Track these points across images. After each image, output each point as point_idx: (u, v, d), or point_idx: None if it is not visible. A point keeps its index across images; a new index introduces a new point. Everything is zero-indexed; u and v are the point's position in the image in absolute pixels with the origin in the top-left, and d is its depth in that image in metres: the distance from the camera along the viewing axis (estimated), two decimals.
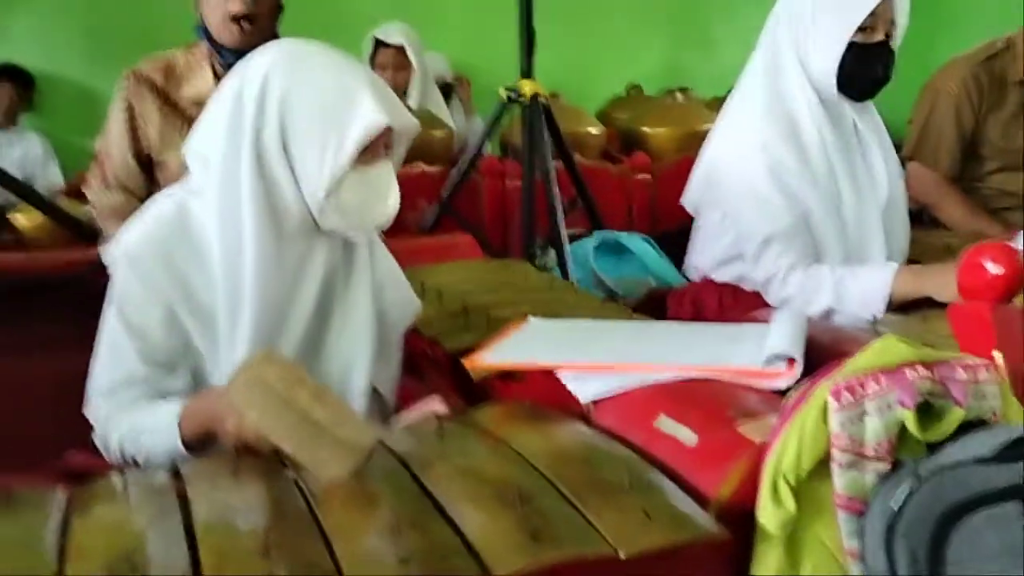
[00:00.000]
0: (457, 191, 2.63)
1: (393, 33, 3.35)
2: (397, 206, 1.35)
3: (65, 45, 3.96)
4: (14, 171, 3.08)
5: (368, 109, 1.25)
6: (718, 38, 4.80)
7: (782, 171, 1.76)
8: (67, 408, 1.31)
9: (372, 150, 1.28)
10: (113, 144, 1.99)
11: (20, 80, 3.81)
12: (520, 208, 2.52)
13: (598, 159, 3.23)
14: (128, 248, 1.29)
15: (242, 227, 1.26)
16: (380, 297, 1.41)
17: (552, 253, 2.42)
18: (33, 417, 1.48)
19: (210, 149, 1.29)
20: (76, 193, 2.67)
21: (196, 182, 1.33)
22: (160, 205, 1.34)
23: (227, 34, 1.89)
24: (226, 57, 1.90)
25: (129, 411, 1.27)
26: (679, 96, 3.85)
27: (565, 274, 2.30)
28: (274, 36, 1.93)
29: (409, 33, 3.37)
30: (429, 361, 1.57)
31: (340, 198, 1.28)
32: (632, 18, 4.77)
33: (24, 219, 2.68)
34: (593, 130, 3.41)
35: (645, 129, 3.46)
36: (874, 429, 0.96)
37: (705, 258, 1.96)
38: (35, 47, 3.90)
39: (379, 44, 3.37)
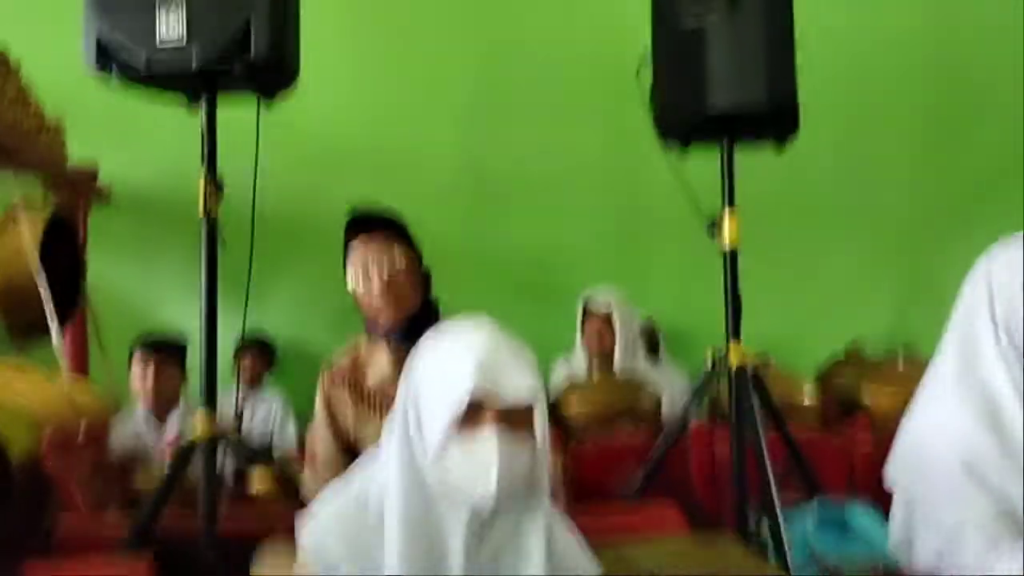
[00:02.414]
0: (665, 456, 2.59)
1: (600, 299, 3.48)
2: (508, 481, 1.30)
3: (313, 317, 4.38)
4: (258, 429, 3.37)
5: (465, 377, 1.28)
6: (947, 288, 4.60)
7: (978, 462, 1.57)
8: None
9: (474, 419, 1.30)
10: (318, 434, 2.19)
11: (265, 348, 4.24)
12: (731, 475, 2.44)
13: (815, 421, 3.10)
14: (313, 537, 1.37)
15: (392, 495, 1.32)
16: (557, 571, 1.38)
17: (767, 525, 2.30)
18: None
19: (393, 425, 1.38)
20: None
21: (382, 454, 1.40)
22: (345, 491, 1.42)
23: (382, 316, 2.07)
24: (395, 340, 2.08)
25: None
26: (902, 357, 3.67)
27: (780, 546, 2.16)
28: (428, 303, 2.12)
29: (616, 298, 3.49)
30: None
31: (444, 465, 1.30)
32: (851, 272, 4.68)
33: (259, 480, 2.88)
34: (807, 400, 3.30)
35: (866, 391, 3.31)
36: None
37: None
38: (286, 316, 4.35)
39: (587, 309, 3.51)
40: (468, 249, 4.23)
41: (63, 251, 3.50)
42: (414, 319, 2.12)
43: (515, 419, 1.32)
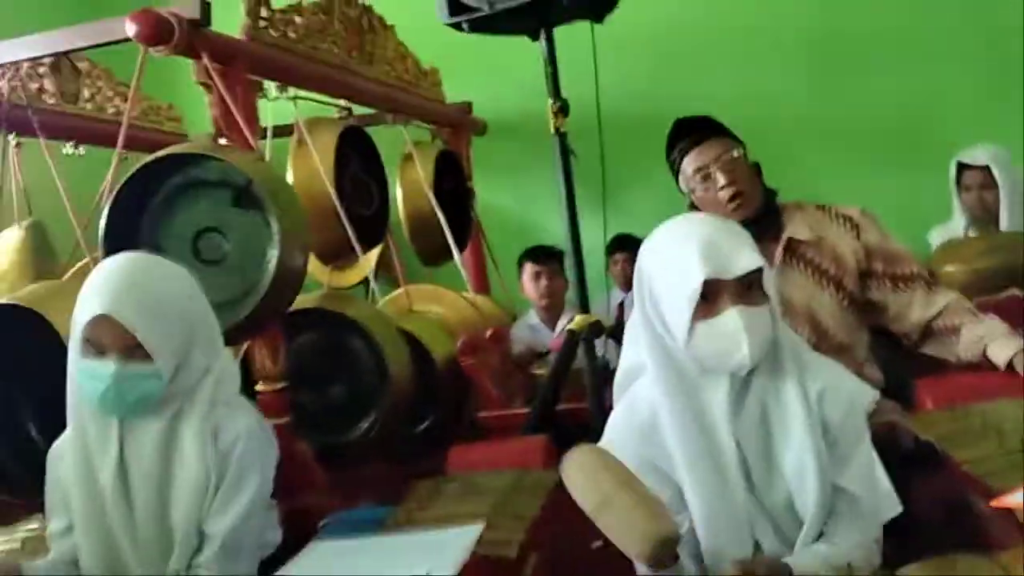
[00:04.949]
0: None
1: (978, 155, 3.23)
2: (758, 347, 1.41)
3: (672, 215, 4.52)
4: None
5: (693, 269, 1.38)
6: None
7: None
8: None
9: (711, 302, 1.41)
10: None
11: (635, 248, 4.47)
12: None
13: None
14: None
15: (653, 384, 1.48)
16: (821, 405, 1.46)
17: None
18: None
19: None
20: None
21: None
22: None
23: (731, 216, 2.13)
24: None
25: None
26: None
27: None
28: (769, 197, 2.18)
29: (996, 154, 3.21)
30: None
31: (696, 348, 1.43)
32: None
33: None
34: None
35: None
36: None
37: None
38: (646, 217, 4.54)
39: (963, 167, 3.27)
40: (824, 120, 4.10)
41: (453, 182, 4.01)
42: (758, 216, 2.17)
43: (747, 287, 1.43)
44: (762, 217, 2.19)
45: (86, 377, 1.61)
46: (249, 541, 1.67)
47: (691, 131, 2.25)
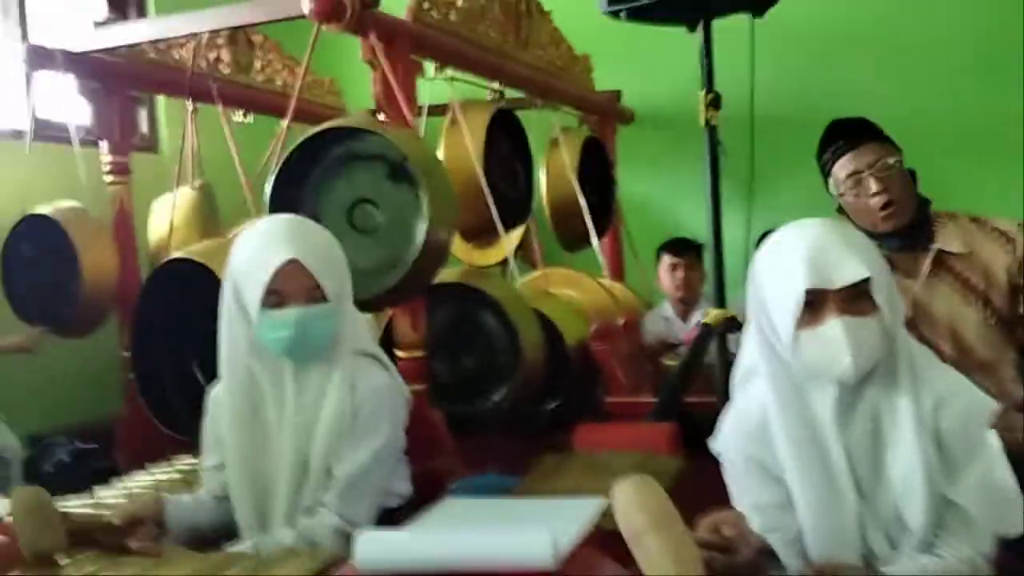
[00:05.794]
0: None
1: None
2: (864, 358, 1.39)
3: (820, 215, 4.42)
4: None
5: (797, 279, 1.38)
6: None
7: None
8: None
9: (816, 310, 1.40)
10: None
11: None
12: None
13: None
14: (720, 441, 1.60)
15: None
16: (936, 415, 1.43)
17: None
18: None
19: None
20: None
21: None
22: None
23: (880, 224, 2.08)
24: (889, 246, 2.08)
25: None
26: None
27: None
28: (922, 206, 2.13)
29: None
30: None
31: (800, 355, 1.42)
32: None
33: None
34: None
35: None
36: None
37: None
38: (791, 215, 4.45)
39: None
40: (984, 129, 3.91)
41: (598, 169, 4.05)
42: (909, 225, 2.12)
43: (853, 297, 1.41)
44: (913, 227, 2.14)
45: (270, 327, 1.74)
46: (370, 488, 1.78)
47: (847, 134, 2.20)
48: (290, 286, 1.73)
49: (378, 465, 1.78)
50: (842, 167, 2.17)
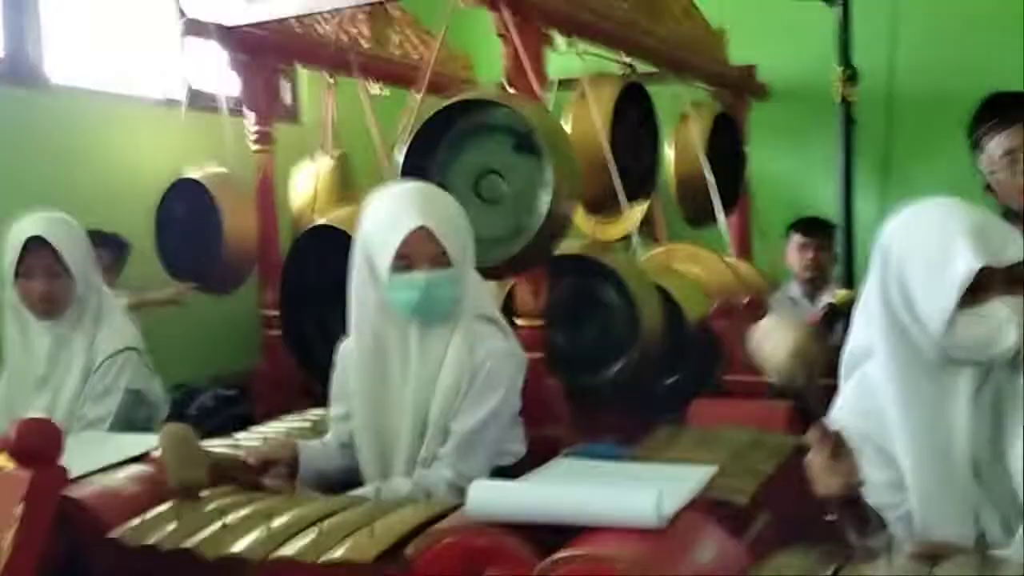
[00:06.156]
0: None
1: None
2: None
3: (958, 193, 4.23)
4: None
5: (961, 255, 1.34)
6: None
7: None
8: None
9: (979, 288, 1.35)
10: None
11: None
12: None
13: None
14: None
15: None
16: None
17: None
18: None
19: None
20: None
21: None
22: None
23: None
24: None
25: None
26: None
27: None
28: None
29: None
30: None
31: (955, 337, 1.38)
32: None
33: None
34: None
35: None
36: None
37: None
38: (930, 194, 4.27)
39: None
40: None
41: (727, 144, 3.99)
42: None
43: (1013, 277, 1.38)
44: None
45: (399, 289, 1.82)
46: (485, 445, 1.85)
47: (1004, 109, 2.11)
48: (418, 251, 1.81)
49: (493, 424, 1.85)
50: (997, 144, 2.09)
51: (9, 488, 1.21)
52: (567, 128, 3.07)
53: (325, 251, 2.96)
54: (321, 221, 3.10)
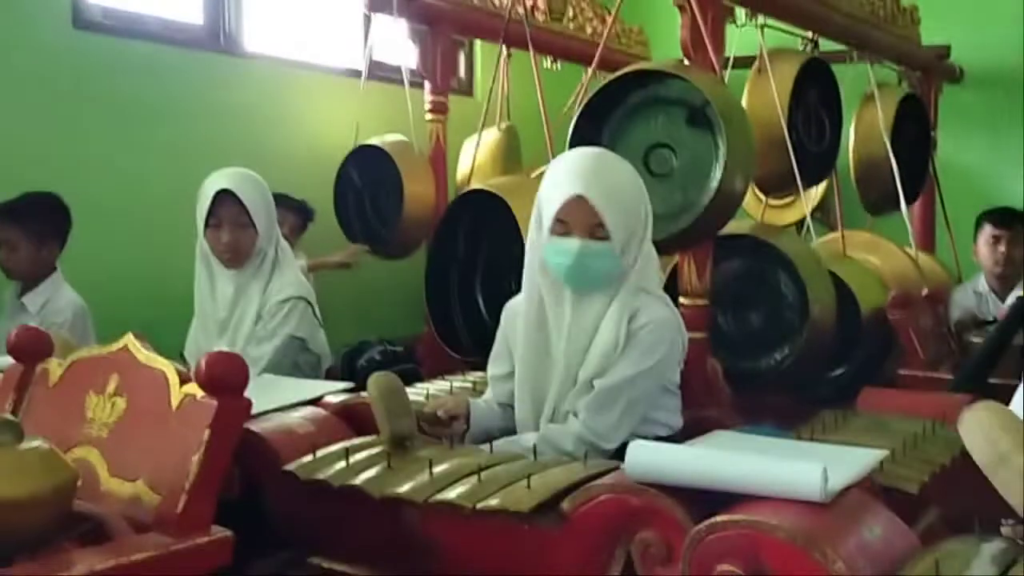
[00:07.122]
0: None
1: None
2: None
3: None
4: None
5: None
6: None
7: None
8: None
9: None
10: None
11: None
12: None
13: None
14: None
15: None
16: None
17: None
18: None
19: None
20: None
21: None
22: None
23: None
24: None
25: None
26: None
27: None
28: None
29: None
30: None
31: None
32: None
33: None
34: None
35: None
36: None
37: None
38: None
39: None
40: None
41: (914, 129, 3.77)
42: None
43: None
44: None
45: (554, 252, 1.84)
46: (623, 404, 1.82)
47: None
48: (575, 219, 1.81)
49: (638, 385, 1.83)
50: None
51: (198, 415, 1.30)
52: (743, 103, 2.98)
53: (479, 218, 3.02)
54: (475, 186, 3.14)
